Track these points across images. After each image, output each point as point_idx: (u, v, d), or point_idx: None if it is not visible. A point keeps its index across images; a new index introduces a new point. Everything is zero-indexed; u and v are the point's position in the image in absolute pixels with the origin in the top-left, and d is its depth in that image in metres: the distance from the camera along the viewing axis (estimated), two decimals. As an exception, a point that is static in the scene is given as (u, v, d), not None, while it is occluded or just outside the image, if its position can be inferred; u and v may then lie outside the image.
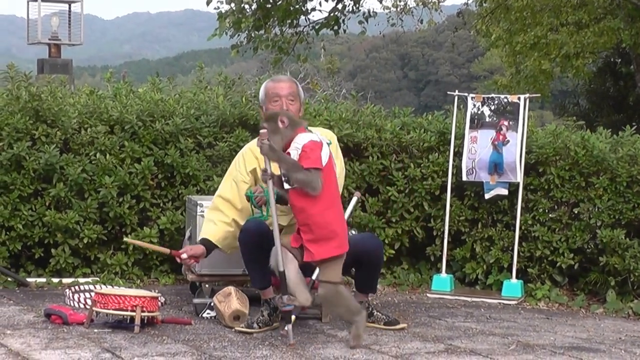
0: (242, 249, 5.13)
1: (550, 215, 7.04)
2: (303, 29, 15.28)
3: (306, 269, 5.19)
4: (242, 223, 5.22)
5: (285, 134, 4.64)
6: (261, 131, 4.60)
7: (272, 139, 4.60)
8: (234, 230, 5.26)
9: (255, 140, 5.55)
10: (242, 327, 5.05)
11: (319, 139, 4.66)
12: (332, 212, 4.64)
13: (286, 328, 4.79)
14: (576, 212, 7.05)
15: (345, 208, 5.56)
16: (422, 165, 7.13)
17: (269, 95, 5.34)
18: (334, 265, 4.67)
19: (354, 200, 5.54)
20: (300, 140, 4.60)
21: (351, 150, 7.15)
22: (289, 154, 4.59)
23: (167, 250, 5.39)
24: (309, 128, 5.35)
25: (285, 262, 4.66)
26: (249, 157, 5.39)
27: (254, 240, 5.04)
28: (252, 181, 5.34)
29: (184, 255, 5.19)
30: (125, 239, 5.98)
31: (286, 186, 4.60)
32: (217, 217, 5.31)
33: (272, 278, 5.21)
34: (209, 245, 5.25)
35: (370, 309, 5.37)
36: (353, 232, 5.55)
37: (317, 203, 4.56)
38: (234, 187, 5.35)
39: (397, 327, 5.31)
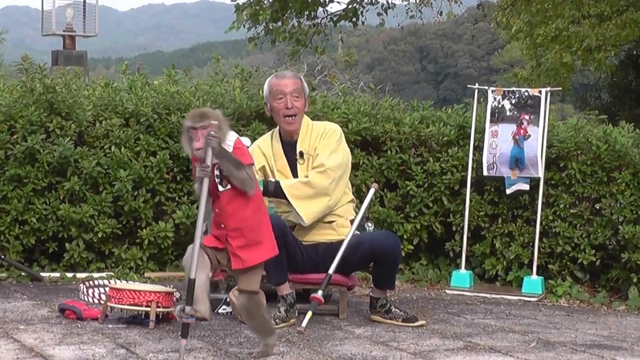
0: None
1: (571, 210, 7.00)
2: (321, 20, 15.25)
3: (325, 265, 5.16)
4: None
5: (225, 132, 4.23)
6: (213, 122, 4.12)
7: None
8: None
9: (265, 136, 5.51)
10: None
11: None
12: (262, 213, 4.32)
13: (302, 325, 4.78)
14: (598, 207, 7.00)
15: (362, 201, 5.53)
16: (441, 159, 7.11)
17: (273, 92, 5.33)
18: (257, 273, 4.33)
19: (371, 192, 5.53)
20: (230, 137, 4.23)
21: (369, 144, 7.14)
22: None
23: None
24: (313, 122, 5.43)
25: (198, 268, 4.21)
26: (258, 154, 5.35)
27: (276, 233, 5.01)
28: (262, 178, 5.34)
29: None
30: None
31: (220, 188, 4.19)
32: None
33: (288, 274, 5.22)
34: None
35: (389, 305, 5.35)
36: (369, 225, 5.51)
37: (248, 205, 4.21)
38: None
39: (416, 324, 5.29)
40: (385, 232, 5.92)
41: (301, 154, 5.35)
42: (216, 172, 4.16)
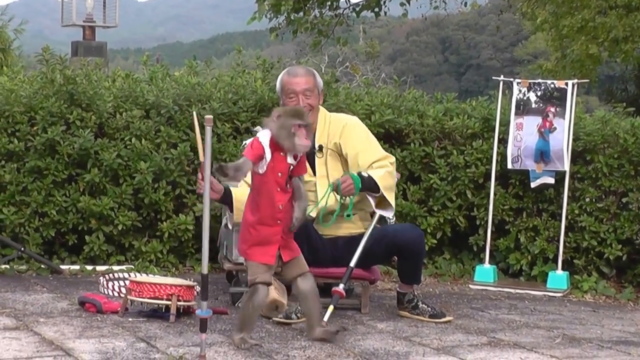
0: None
1: (597, 204, 6.98)
2: (343, 11, 15.23)
3: (346, 258, 5.11)
4: None
5: None
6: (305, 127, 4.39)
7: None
8: None
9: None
10: (281, 318, 5.00)
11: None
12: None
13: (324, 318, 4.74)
14: (625, 201, 7.00)
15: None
16: (465, 152, 7.10)
17: (285, 90, 5.27)
18: (301, 255, 4.61)
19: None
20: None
21: (392, 137, 7.13)
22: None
23: None
24: (330, 114, 5.38)
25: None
26: None
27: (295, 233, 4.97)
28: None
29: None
30: None
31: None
32: (238, 191, 5.16)
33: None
34: (228, 194, 5.07)
35: (416, 300, 5.32)
36: (390, 218, 5.51)
37: None
38: None
39: (443, 320, 5.24)
40: (409, 225, 5.88)
41: (320, 147, 5.28)
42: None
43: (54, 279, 6.18)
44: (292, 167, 4.41)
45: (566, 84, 6.89)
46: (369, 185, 5.09)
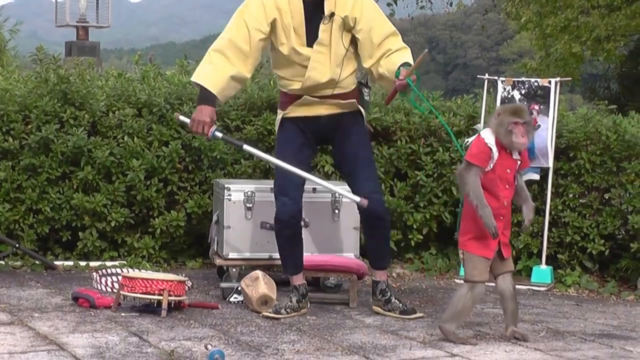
0: (277, 237, 5.15)
1: (580, 200, 7.00)
2: (331, 11, 15.19)
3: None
4: (248, 77, 5.09)
5: None
6: (529, 119, 4.62)
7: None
8: (237, 85, 5.08)
9: None
10: (270, 313, 5.04)
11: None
12: None
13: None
14: (607, 197, 7.00)
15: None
16: (451, 149, 7.11)
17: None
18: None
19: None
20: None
21: (379, 134, 7.14)
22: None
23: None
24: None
25: None
26: (270, 6, 5.00)
27: (288, 233, 5.09)
28: (269, 34, 5.02)
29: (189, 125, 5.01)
30: None
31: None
32: (221, 62, 4.95)
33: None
34: (208, 97, 4.94)
35: (389, 294, 5.27)
36: (366, 91, 5.36)
37: None
38: (245, 33, 4.97)
39: (413, 316, 5.19)
40: (376, 195, 5.24)
41: (332, 14, 4.98)
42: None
43: (48, 274, 6.19)
44: (519, 162, 4.58)
45: (549, 82, 6.90)
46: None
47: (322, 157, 6.85)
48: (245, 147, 5.13)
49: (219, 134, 5.07)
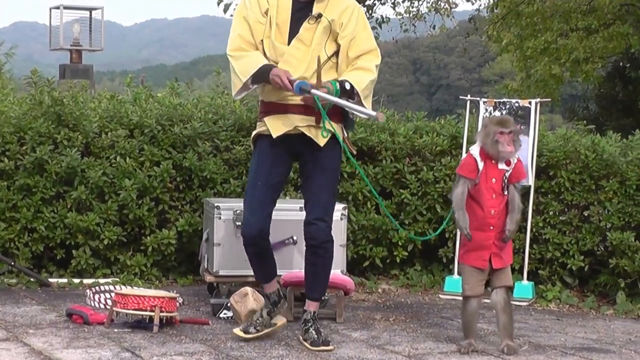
0: (245, 246, 4.97)
1: (560, 217, 7.06)
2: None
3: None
4: (266, 61, 4.85)
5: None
6: (515, 129, 4.77)
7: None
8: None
9: None
10: (239, 331, 4.91)
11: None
12: None
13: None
14: (586, 214, 7.07)
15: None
16: (434, 168, 7.17)
17: None
18: (509, 267, 4.92)
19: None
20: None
21: (365, 154, 7.19)
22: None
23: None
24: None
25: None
26: None
27: (253, 250, 4.94)
28: (268, 23, 4.91)
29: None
30: None
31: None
32: (243, 53, 4.91)
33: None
34: (265, 71, 4.79)
35: (310, 324, 4.89)
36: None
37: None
38: (247, 27, 4.93)
39: (321, 348, 4.75)
40: (323, 223, 4.93)
41: (319, 15, 4.84)
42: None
43: (42, 291, 6.20)
44: (507, 172, 4.66)
45: (530, 103, 6.99)
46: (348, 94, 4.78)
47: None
48: (314, 91, 4.71)
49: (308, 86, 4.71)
